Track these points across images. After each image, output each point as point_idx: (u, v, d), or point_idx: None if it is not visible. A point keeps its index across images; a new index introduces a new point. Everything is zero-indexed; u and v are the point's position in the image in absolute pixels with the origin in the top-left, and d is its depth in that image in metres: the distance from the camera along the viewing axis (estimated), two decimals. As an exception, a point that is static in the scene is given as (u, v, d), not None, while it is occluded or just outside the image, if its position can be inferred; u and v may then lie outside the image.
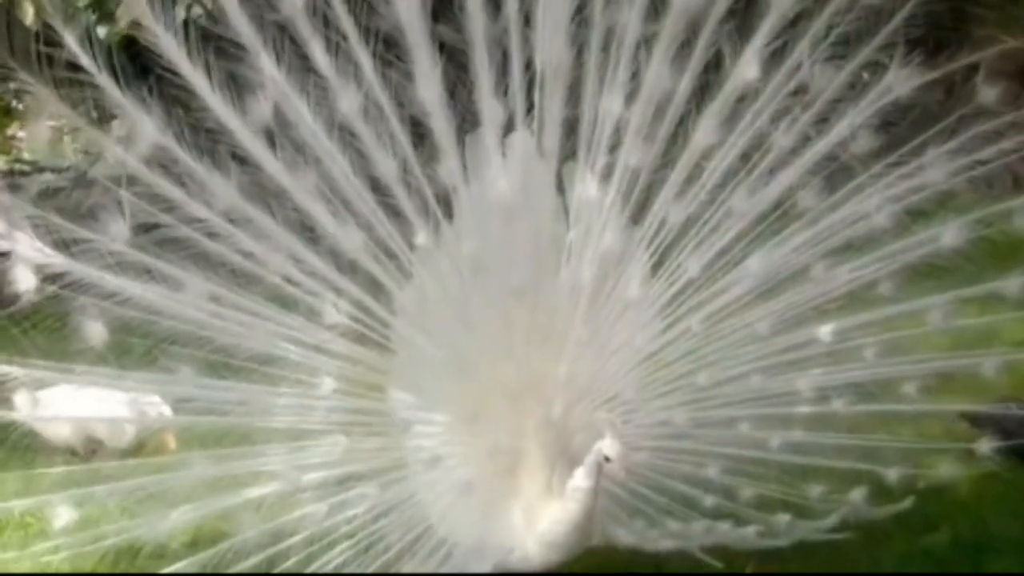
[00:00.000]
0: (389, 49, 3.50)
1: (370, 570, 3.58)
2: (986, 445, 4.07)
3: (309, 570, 3.54)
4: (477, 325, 3.66)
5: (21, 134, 8.80)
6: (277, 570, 3.53)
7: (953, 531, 4.28)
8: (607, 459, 3.52)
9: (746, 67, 3.80)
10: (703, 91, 3.81)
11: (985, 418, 4.20)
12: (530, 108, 3.63)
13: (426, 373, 3.67)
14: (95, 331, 3.40)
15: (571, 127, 3.71)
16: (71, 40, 3.31)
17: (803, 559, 3.88)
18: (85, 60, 3.33)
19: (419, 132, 3.55)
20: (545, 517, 3.63)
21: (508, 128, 3.65)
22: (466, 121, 3.59)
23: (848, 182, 3.93)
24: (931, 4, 3.85)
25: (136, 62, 3.21)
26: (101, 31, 5.76)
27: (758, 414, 3.95)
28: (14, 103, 8.93)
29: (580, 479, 3.56)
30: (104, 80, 3.34)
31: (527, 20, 3.59)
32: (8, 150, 8.71)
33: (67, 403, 3.81)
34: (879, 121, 3.91)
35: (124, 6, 5.65)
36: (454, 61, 3.55)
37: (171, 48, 3.38)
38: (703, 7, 3.73)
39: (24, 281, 3.37)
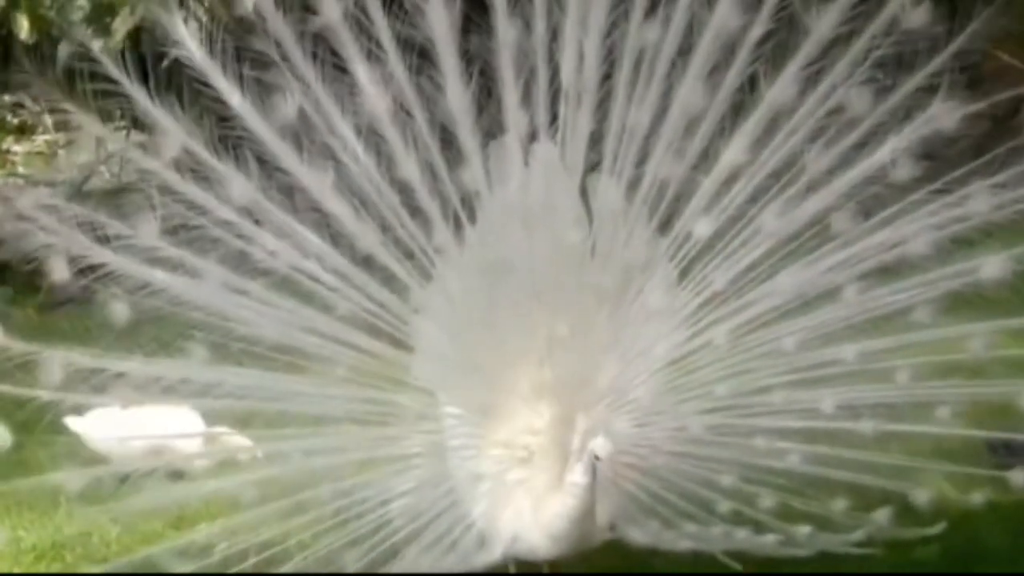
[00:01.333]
0: (422, 58, 3.76)
1: (375, 553, 3.91)
2: (1021, 476, 4.15)
3: (313, 548, 3.88)
4: (496, 325, 3.95)
5: (17, 148, 9.19)
6: (281, 548, 3.87)
7: (944, 544, 4.35)
8: (597, 458, 3.75)
9: (782, 88, 3.95)
10: (737, 110, 3.96)
11: (1019, 447, 4.25)
12: (554, 119, 3.86)
13: (444, 368, 3.98)
14: (120, 312, 3.78)
15: (598, 138, 3.93)
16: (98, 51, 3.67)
17: (793, 567, 4.05)
18: (115, 71, 3.69)
19: (446, 139, 3.81)
20: (547, 510, 3.89)
21: (533, 138, 3.91)
22: (492, 129, 3.86)
23: (887, 207, 4.04)
24: (979, 36, 3.87)
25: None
26: (97, 44, 6.12)
27: (780, 427, 4.12)
28: (9, 117, 9.30)
29: (576, 475, 3.82)
30: (135, 90, 3.71)
31: (554, 35, 3.80)
32: (3, 164, 9.05)
33: (133, 422, 4.14)
34: (922, 149, 4.02)
35: (120, 19, 6.03)
36: (483, 72, 3.81)
37: (203, 59, 3.76)
38: (740, 28, 3.88)
39: (59, 271, 3.75)
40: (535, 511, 3.96)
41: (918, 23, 3.98)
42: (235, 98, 3.82)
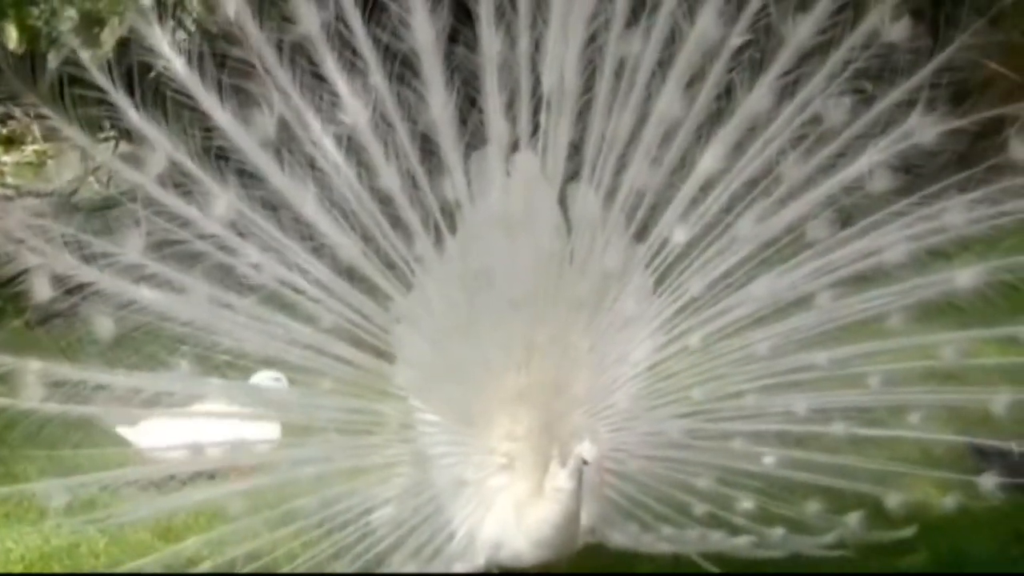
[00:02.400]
0: (404, 67, 3.88)
1: (360, 562, 4.05)
2: (990, 481, 4.34)
3: (301, 559, 4.02)
4: (477, 333, 4.10)
5: (6, 159, 9.29)
6: (269, 559, 4.01)
7: (931, 552, 4.58)
8: (585, 462, 3.91)
9: (758, 97, 4.10)
10: (713, 118, 4.10)
11: (993, 453, 4.42)
12: (536, 129, 4.01)
13: (425, 377, 4.13)
14: (105, 327, 3.90)
15: (577, 148, 4.07)
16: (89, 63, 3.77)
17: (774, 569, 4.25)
18: (104, 82, 3.82)
19: (427, 149, 3.95)
20: (532, 516, 4.05)
21: (515, 148, 4.05)
22: (474, 139, 4.00)
23: (863, 217, 4.21)
24: (961, 53, 4.01)
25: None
26: (85, 54, 6.20)
27: (754, 430, 4.30)
28: (-1, 128, 9.38)
29: (562, 480, 3.99)
30: (122, 100, 3.82)
31: (537, 46, 3.95)
32: (-9, 173, 9.20)
33: (183, 430, 4.21)
34: (900, 162, 4.19)
35: (109, 29, 6.11)
36: (467, 82, 3.95)
37: (182, 70, 3.87)
38: (719, 39, 4.01)
39: (41, 292, 3.86)
40: (518, 517, 4.13)
41: (898, 36, 4.13)
42: (218, 111, 3.93)
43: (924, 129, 4.15)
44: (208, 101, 3.91)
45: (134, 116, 3.88)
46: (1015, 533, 4.88)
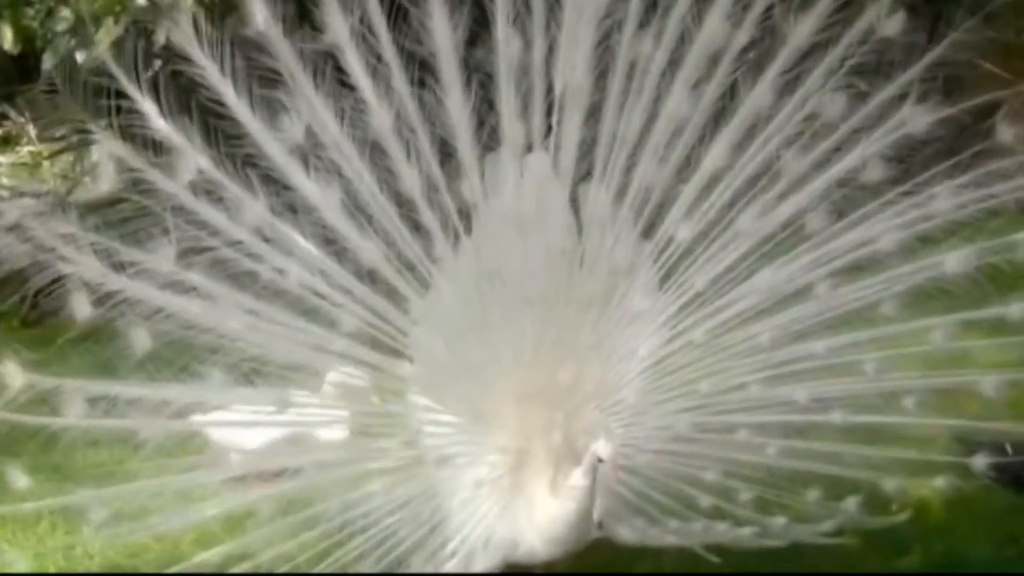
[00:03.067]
0: (424, 72, 4.02)
1: (383, 563, 4.17)
2: (981, 461, 4.58)
3: (325, 563, 4.12)
4: (490, 332, 4.24)
5: (1, 159, 9.28)
6: (295, 564, 4.11)
7: (926, 553, 4.82)
8: (600, 460, 4.05)
9: (760, 95, 4.29)
10: (717, 117, 4.29)
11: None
12: (549, 131, 4.18)
13: (440, 377, 4.25)
14: (140, 338, 3.99)
15: (588, 148, 4.23)
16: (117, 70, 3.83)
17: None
18: (131, 89, 3.88)
19: (446, 152, 4.11)
20: (546, 514, 4.16)
21: (528, 149, 4.21)
22: (491, 141, 4.15)
23: (858, 208, 4.41)
24: (954, 50, 4.25)
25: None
26: (80, 56, 6.31)
27: (757, 421, 4.50)
28: (-7, 130, 9.35)
29: (576, 478, 4.13)
30: (149, 107, 3.88)
31: (551, 49, 4.14)
32: (-15, 174, 9.19)
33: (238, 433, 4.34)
34: (892, 152, 4.41)
35: (104, 30, 6.16)
36: (483, 84, 4.11)
37: (215, 78, 3.97)
38: (725, 40, 4.19)
39: (80, 309, 3.96)
40: (532, 514, 4.27)
41: (893, 32, 4.36)
42: (249, 118, 4.05)
43: (915, 119, 4.38)
44: (240, 109, 4.01)
45: (166, 125, 3.96)
46: (1010, 534, 5.10)
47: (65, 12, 6.68)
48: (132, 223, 3.93)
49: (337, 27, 4.02)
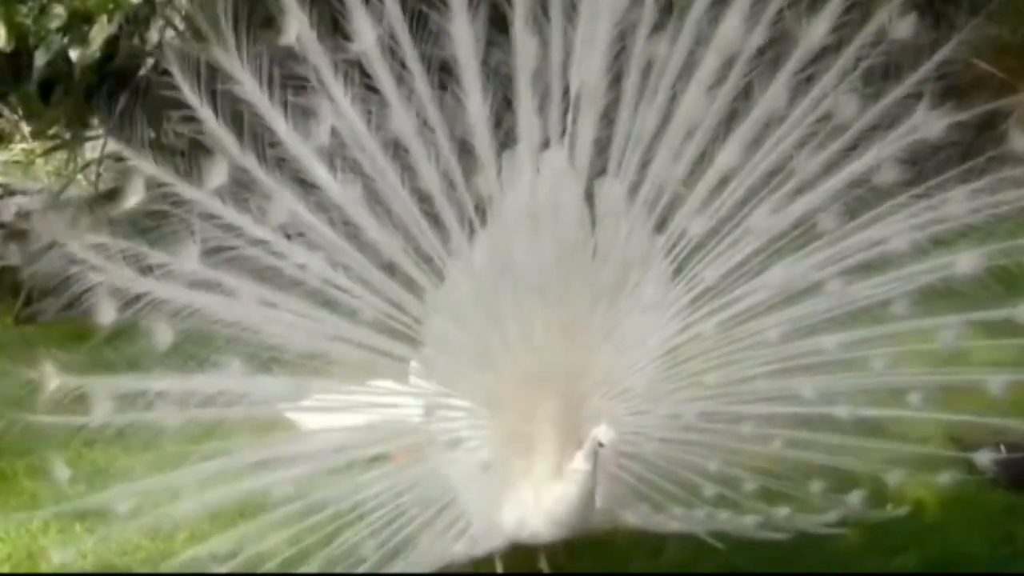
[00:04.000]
0: (444, 74, 4.30)
1: (392, 543, 4.45)
2: (985, 457, 4.78)
3: (334, 544, 4.41)
4: (502, 320, 4.49)
5: None
6: (305, 545, 4.40)
7: (922, 553, 5.02)
8: (601, 445, 4.30)
9: (774, 96, 4.51)
10: (731, 116, 4.52)
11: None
12: (566, 129, 4.43)
13: (453, 363, 4.52)
14: (163, 333, 4.28)
15: (604, 146, 4.47)
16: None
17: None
18: (191, 96, 4.22)
19: (464, 148, 4.38)
20: (550, 497, 4.44)
21: (545, 146, 4.45)
22: (508, 138, 4.40)
23: (870, 209, 4.62)
24: (963, 47, 4.44)
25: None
26: (74, 54, 6.54)
27: (764, 412, 4.72)
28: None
29: (579, 462, 4.39)
30: (207, 114, 4.24)
31: (568, 49, 4.38)
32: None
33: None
34: (906, 155, 4.61)
35: (97, 27, 6.37)
36: (502, 84, 4.35)
37: (252, 87, 4.26)
38: (740, 41, 4.39)
39: (106, 313, 4.25)
40: (537, 497, 4.53)
41: (904, 34, 4.54)
42: (281, 124, 4.33)
43: (929, 123, 4.58)
44: (272, 114, 4.30)
45: (213, 125, 4.28)
46: (1007, 534, 5.29)
47: (58, 9, 6.88)
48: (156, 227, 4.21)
49: (365, 36, 4.29)
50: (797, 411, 4.73)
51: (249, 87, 4.27)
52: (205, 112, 4.28)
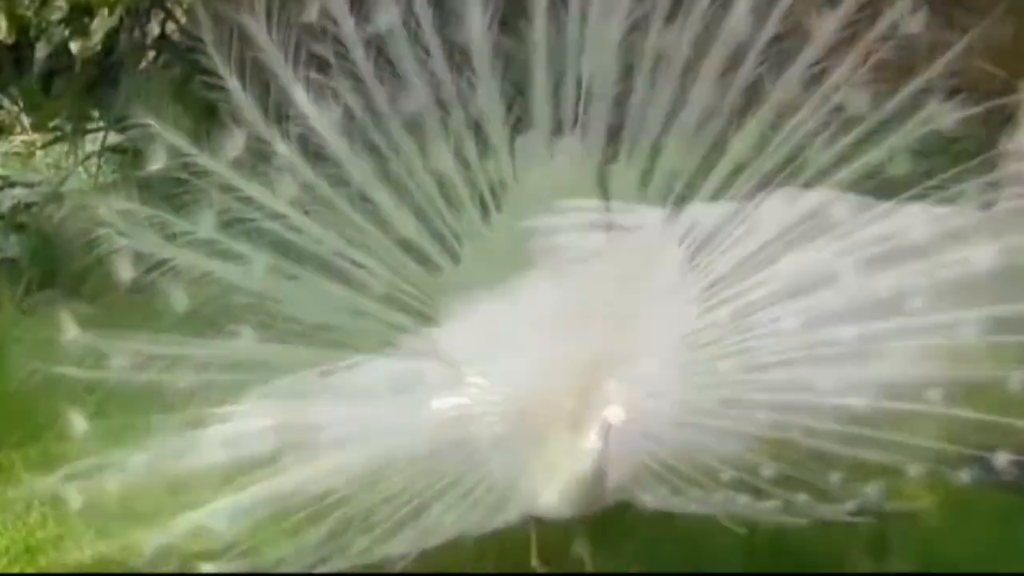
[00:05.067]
0: (461, 58, 4.64)
1: (403, 510, 4.73)
2: (1003, 458, 4.91)
3: (343, 510, 4.70)
4: (518, 301, 4.77)
5: None
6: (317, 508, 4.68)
7: (916, 555, 5.14)
8: (611, 425, 4.55)
9: (785, 87, 4.77)
10: (744, 107, 4.75)
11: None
12: (578, 116, 4.75)
13: (469, 342, 4.81)
14: (179, 299, 4.63)
15: (616, 133, 4.75)
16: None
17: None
18: (222, 68, 4.58)
19: (479, 132, 4.71)
20: (561, 474, 4.71)
21: (558, 131, 4.78)
22: (521, 124, 4.72)
23: (885, 200, 4.81)
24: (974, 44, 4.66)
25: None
26: (75, 46, 6.90)
27: (781, 400, 4.92)
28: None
29: (591, 441, 4.63)
30: (234, 84, 4.59)
31: (582, 36, 4.71)
32: (-19, 163, 9.67)
33: None
34: (920, 147, 4.80)
35: (98, 19, 6.79)
36: (516, 69, 4.69)
37: (278, 63, 4.62)
38: (750, 34, 4.67)
39: (124, 271, 4.62)
40: (550, 474, 4.78)
41: (917, 28, 4.75)
42: (305, 102, 4.69)
43: (943, 115, 4.79)
44: (298, 93, 4.66)
45: (243, 98, 4.65)
46: (1006, 535, 5.40)
47: (59, 1, 7.16)
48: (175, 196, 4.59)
49: (389, 16, 4.65)
50: (815, 400, 4.91)
51: (273, 57, 4.63)
52: (233, 83, 4.64)
